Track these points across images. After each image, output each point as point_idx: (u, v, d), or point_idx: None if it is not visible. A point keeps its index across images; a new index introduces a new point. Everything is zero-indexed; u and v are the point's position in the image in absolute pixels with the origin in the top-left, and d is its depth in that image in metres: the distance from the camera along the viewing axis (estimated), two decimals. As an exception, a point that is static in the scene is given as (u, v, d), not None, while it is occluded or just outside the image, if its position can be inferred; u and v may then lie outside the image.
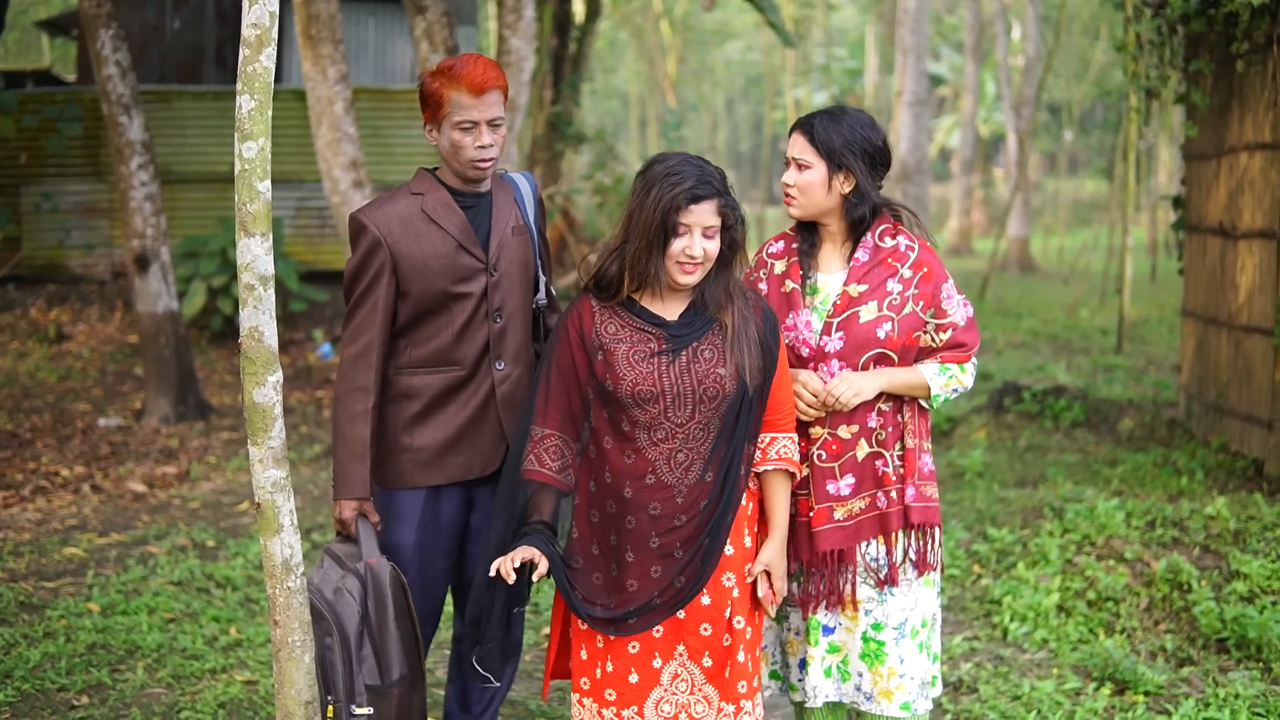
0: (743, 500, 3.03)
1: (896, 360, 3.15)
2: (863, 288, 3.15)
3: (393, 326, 3.26)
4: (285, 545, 3.00)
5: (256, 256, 2.89)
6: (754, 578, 3.06)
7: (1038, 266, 21.82)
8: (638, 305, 3.02)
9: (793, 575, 3.19)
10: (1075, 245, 22.87)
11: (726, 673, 3.01)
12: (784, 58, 30.19)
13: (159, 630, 4.82)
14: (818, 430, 3.15)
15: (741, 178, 39.55)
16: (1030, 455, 7.50)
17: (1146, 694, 4.29)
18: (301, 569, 3.02)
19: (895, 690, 3.16)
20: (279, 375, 2.96)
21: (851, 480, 3.15)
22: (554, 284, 3.50)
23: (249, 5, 2.84)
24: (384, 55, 12.98)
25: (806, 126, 3.19)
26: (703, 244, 2.92)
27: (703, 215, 2.91)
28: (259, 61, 2.85)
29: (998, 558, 5.51)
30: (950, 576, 5.39)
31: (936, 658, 3.28)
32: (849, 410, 3.12)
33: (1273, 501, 5.90)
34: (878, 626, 3.17)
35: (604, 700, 3.03)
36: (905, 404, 3.18)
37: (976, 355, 3.26)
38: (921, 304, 3.15)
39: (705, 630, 3.01)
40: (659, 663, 3.02)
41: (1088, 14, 24.05)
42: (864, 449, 3.16)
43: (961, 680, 4.46)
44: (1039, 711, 4.18)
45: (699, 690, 3.02)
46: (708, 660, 3.02)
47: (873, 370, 3.13)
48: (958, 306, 3.19)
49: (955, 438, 8.17)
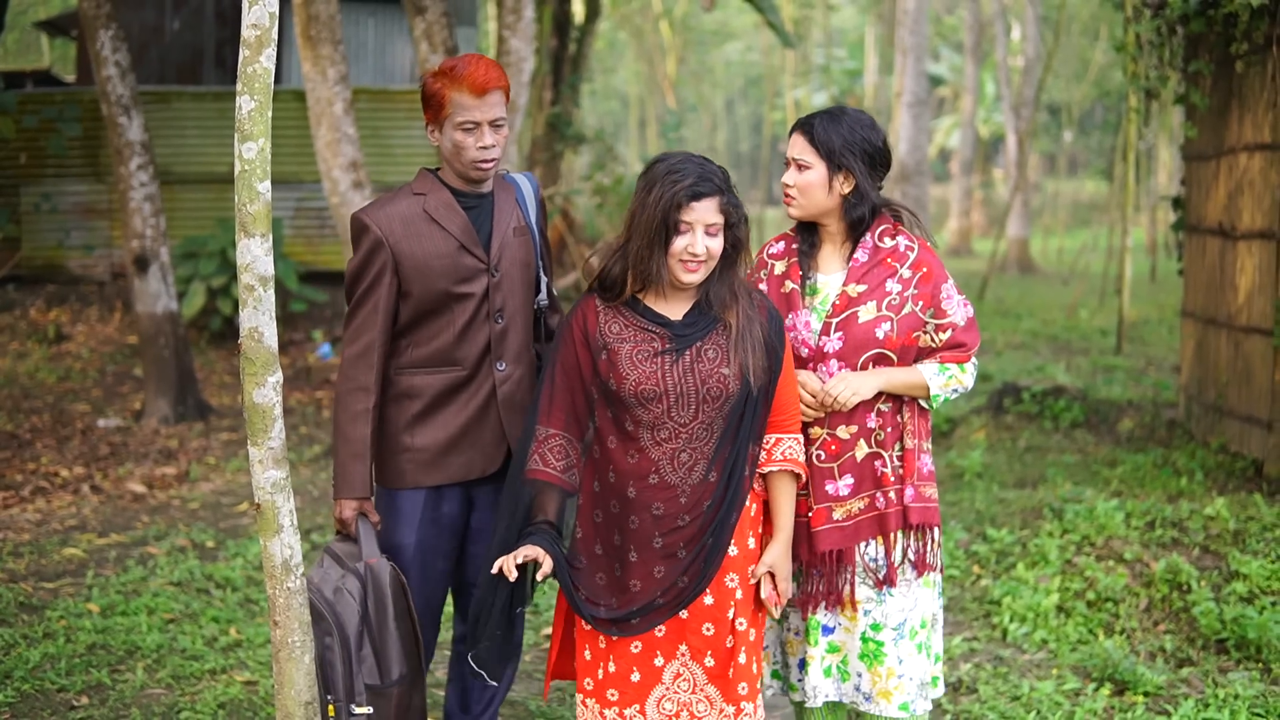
0: (747, 501, 3.03)
1: (896, 360, 3.15)
2: (862, 288, 3.15)
3: (394, 326, 3.26)
4: (285, 546, 3.00)
5: (256, 257, 2.90)
6: (758, 579, 3.06)
7: (1037, 267, 21.82)
8: (642, 305, 3.01)
9: (792, 575, 3.19)
10: (1075, 246, 22.87)
11: (729, 673, 3.01)
12: (783, 58, 30.20)
13: (159, 631, 4.82)
14: (817, 430, 3.16)
15: (741, 178, 39.51)
16: (1030, 456, 7.50)
17: (1146, 694, 4.29)
18: (301, 569, 3.02)
19: (894, 690, 3.16)
20: (279, 376, 2.96)
21: (850, 480, 3.16)
22: (554, 285, 3.50)
23: (249, 6, 2.84)
24: (383, 56, 12.99)
25: (806, 127, 3.19)
26: (705, 242, 2.91)
27: (704, 213, 2.91)
28: (259, 62, 2.85)
29: (997, 558, 5.51)
30: (950, 577, 5.39)
31: (939, 658, 3.28)
32: (848, 410, 3.12)
33: (1272, 502, 5.90)
34: (876, 627, 3.17)
35: (606, 701, 3.03)
36: (905, 404, 3.18)
37: (976, 356, 3.26)
38: (921, 304, 3.15)
39: (708, 630, 3.01)
40: (661, 661, 3.02)
41: (1087, 14, 24.05)
42: (863, 449, 3.16)
43: (961, 681, 4.46)
44: (1038, 712, 4.18)
45: (701, 690, 3.02)
46: (710, 660, 3.02)
47: (871, 370, 3.13)
48: (957, 306, 3.19)
49: (955, 438, 8.17)
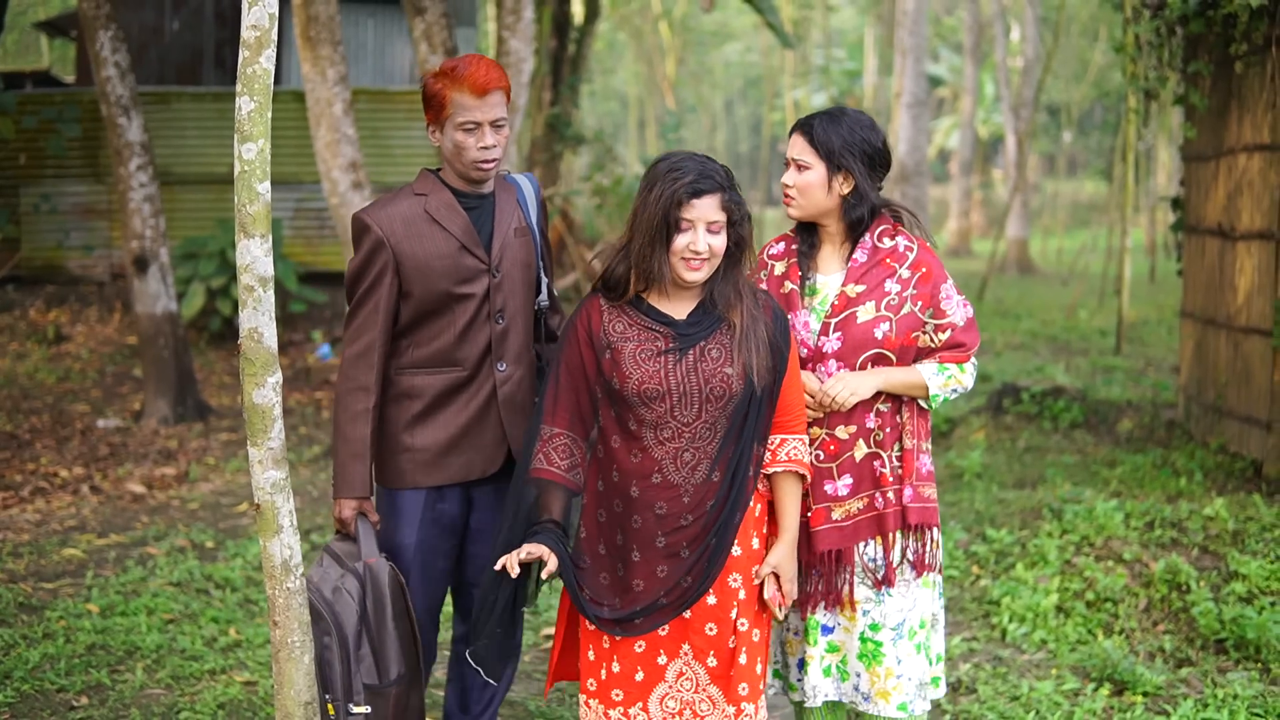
0: (751, 501, 3.03)
1: (894, 360, 3.15)
2: (860, 288, 3.15)
3: (395, 326, 3.26)
4: (284, 546, 3.00)
5: (256, 258, 2.90)
6: (761, 579, 3.05)
7: (1036, 268, 21.82)
8: (646, 304, 3.01)
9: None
10: (1074, 246, 22.87)
11: (731, 674, 3.01)
12: (783, 59, 30.20)
13: (158, 631, 4.82)
14: (815, 430, 3.16)
15: (740, 179, 39.00)
16: (1029, 456, 7.50)
17: (1145, 694, 4.29)
18: (301, 570, 3.03)
19: (892, 691, 3.16)
20: (278, 376, 2.96)
21: (849, 480, 3.16)
22: (554, 285, 3.50)
23: (248, 7, 2.85)
24: (383, 56, 12.99)
25: (806, 127, 3.19)
26: (707, 239, 2.91)
27: (705, 210, 2.90)
28: (258, 63, 2.85)
29: (996, 558, 5.51)
30: (949, 577, 5.39)
31: (940, 658, 3.28)
32: (846, 410, 3.12)
33: (1271, 502, 5.90)
34: (875, 627, 3.17)
35: (611, 701, 3.03)
36: (904, 404, 3.18)
37: (976, 356, 3.26)
38: (920, 304, 3.15)
39: (710, 630, 3.01)
40: (664, 659, 3.02)
41: (1086, 15, 24.06)
42: (862, 449, 3.16)
43: (960, 681, 4.47)
44: (1037, 712, 4.18)
45: (703, 690, 3.02)
46: (712, 660, 3.02)
47: (870, 370, 3.14)
48: (957, 307, 3.19)
49: (954, 439, 8.17)
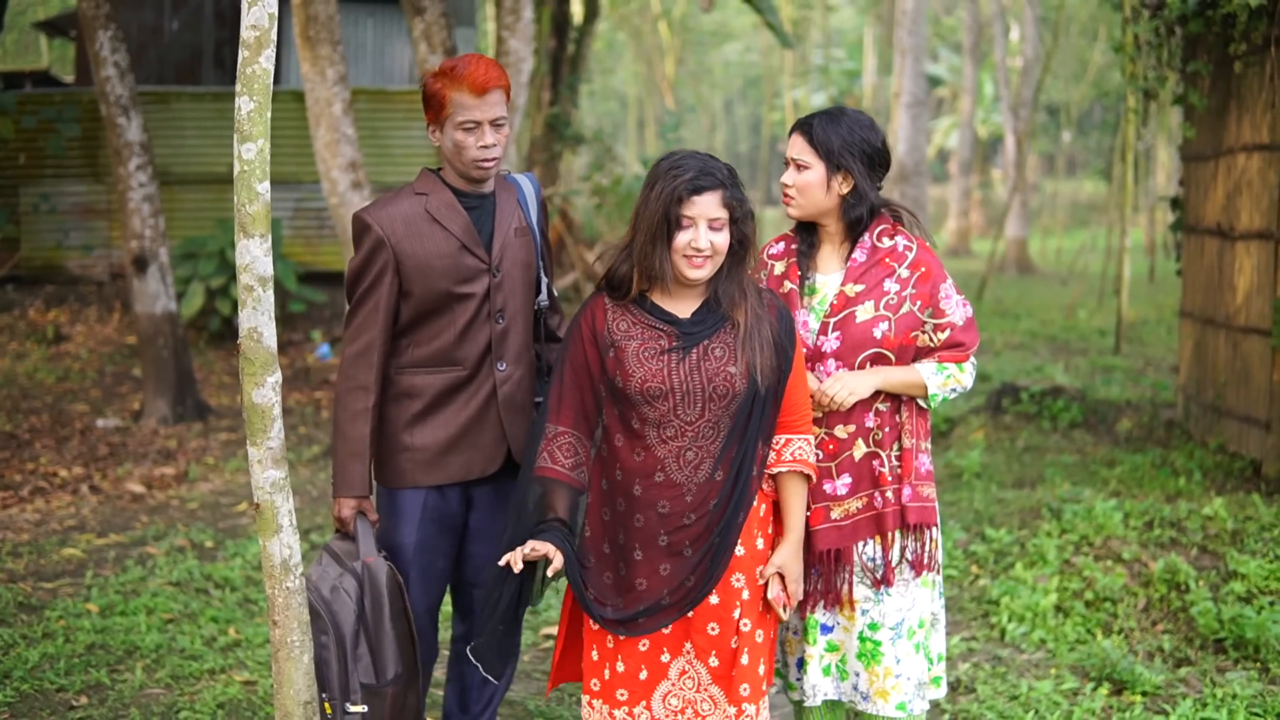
0: (755, 501, 3.02)
1: (893, 360, 3.15)
2: (859, 287, 3.15)
3: (395, 326, 3.26)
4: (284, 546, 3.00)
5: (255, 258, 2.90)
6: (766, 580, 3.05)
7: (1036, 268, 21.83)
8: (650, 303, 3.01)
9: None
10: (1073, 246, 22.88)
11: (733, 674, 3.00)
12: (782, 59, 30.22)
13: (158, 631, 4.82)
14: (814, 430, 3.16)
15: (740, 179, 39.50)
16: (1028, 456, 7.51)
17: (1144, 694, 4.29)
18: (300, 569, 3.03)
19: (891, 690, 3.16)
20: (278, 376, 2.97)
21: (848, 480, 3.16)
22: (553, 285, 3.51)
23: (248, 7, 2.85)
24: (382, 56, 12.99)
25: (805, 127, 3.20)
26: (709, 236, 2.90)
27: (706, 207, 2.90)
28: (258, 63, 2.85)
29: (995, 558, 5.51)
30: (948, 577, 5.39)
31: (942, 658, 3.28)
32: (845, 410, 3.13)
33: (1270, 502, 5.90)
34: (874, 626, 3.17)
35: (615, 701, 3.03)
36: (903, 404, 3.18)
37: (975, 356, 3.26)
38: (919, 304, 3.16)
39: (713, 630, 3.01)
40: (667, 657, 3.02)
41: (1086, 15, 24.07)
42: (861, 449, 3.16)
43: (959, 680, 4.47)
44: (1036, 711, 4.19)
45: (705, 690, 3.02)
46: (714, 660, 3.01)
47: (869, 370, 3.14)
48: (956, 306, 3.19)
49: (953, 438, 8.17)
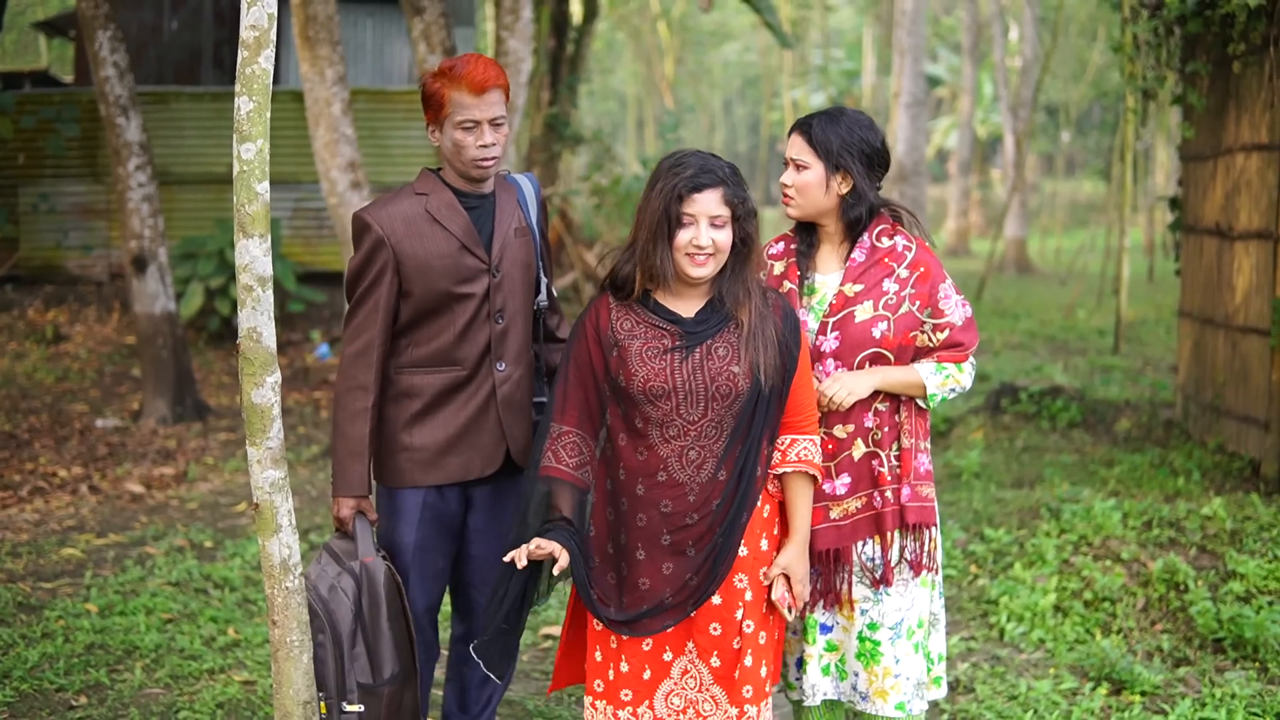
0: (759, 501, 3.02)
1: (893, 360, 3.15)
2: (858, 287, 3.15)
3: (394, 326, 3.27)
4: (283, 545, 3.00)
5: (255, 258, 2.90)
6: (770, 581, 3.05)
7: (1035, 267, 21.83)
8: (654, 302, 3.01)
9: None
10: (1072, 246, 22.88)
11: (735, 675, 3.00)
12: (781, 59, 30.23)
13: (157, 631, 4.82)
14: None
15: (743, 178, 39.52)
16: (1027, 456, 7.51)
17: (1143, 694, 4.30)
18: (299, 569, 3.03)
19: (890, 690, 3.16)
20: (277, 376, 2.97)
21: (847, 480, 3.16)
22: (553, 285, 3.51)
23: (247, 7, 2.85)
24: (382, 56, 12.99)
25: (805, 127, 3.20)
26: (710, 234, 2.90)
27: (707, 204, 2.90)
28: (257, 63, 2.85)
29: (994, 558, 5.51)
30: (947, 577, 5.39)
31: (942, 658, 3.28)
32: (844, 410, 3.13)
33: (1269, 502, 5.91)
34: (873, 626, 3.17)
35: (619, 701, 3.02)
36: (902, 404, 3.18)
37: (974, 356, 3.26)
38: (918, 304, 3.16)
39: (715, 630, 3.01)
40: (670, 656, 3.02)
41: (1085, 15, 24.09)
42: (860, 449, 3.16)
43: (959, 680, 4.47)
44: (1035, 711, 4.19)
45: (707, 690, 3.02)
46: (716, 660, 3.01)
47: (868, 370, 3.14)
48: (955, 306, 3.19)
49: (952, 438, 8.18)
